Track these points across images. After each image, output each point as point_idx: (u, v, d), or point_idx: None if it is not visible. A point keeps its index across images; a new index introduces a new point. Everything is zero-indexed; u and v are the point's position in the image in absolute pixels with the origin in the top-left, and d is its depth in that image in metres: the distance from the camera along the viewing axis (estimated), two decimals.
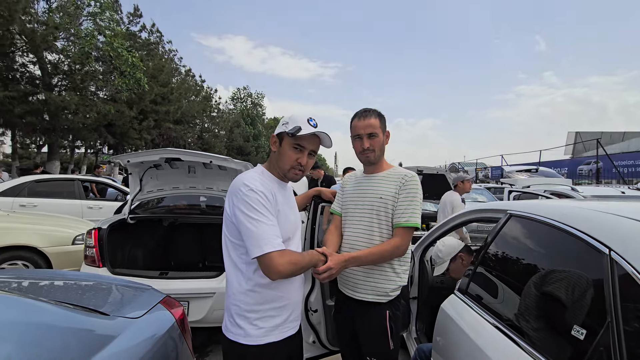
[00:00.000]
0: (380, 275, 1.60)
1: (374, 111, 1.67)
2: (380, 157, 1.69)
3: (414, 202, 1.57)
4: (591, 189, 6.59)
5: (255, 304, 1.26)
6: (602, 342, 0.85)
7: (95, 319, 1.04)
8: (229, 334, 1.28)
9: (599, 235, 1.00)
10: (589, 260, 1.01)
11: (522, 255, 1.44)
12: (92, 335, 0.99)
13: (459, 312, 1.59)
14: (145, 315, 1.25)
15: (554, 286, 1.13)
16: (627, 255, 0.89)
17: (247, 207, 1.19)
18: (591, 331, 0.91)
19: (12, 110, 12.40)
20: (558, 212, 1.24)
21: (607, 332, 0.85)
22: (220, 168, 3.15)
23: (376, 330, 1.59)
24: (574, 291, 1.05)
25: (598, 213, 1.13)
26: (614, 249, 0.93)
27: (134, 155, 3.00)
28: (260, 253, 1.16)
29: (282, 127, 1.34)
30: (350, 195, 1.75)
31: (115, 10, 19.01)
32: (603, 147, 14.09)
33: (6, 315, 0.83)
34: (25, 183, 6.27)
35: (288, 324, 1.33)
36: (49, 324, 0.90)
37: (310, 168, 1.44)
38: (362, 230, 1.63)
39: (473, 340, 1.35)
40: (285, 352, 1.32)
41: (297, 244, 1.42)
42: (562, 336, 1.02)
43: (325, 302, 2.26)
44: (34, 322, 0.87)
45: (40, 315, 0.91)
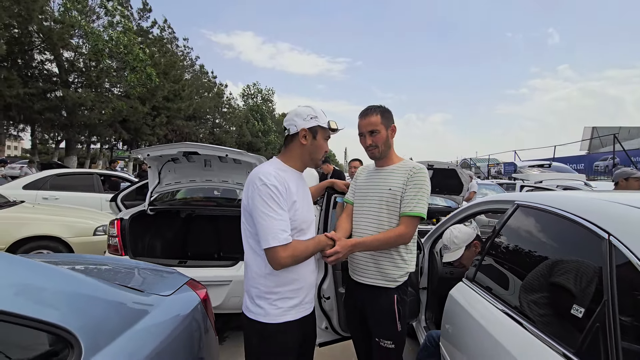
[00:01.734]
0: (388, 261, 1.67)
1: (375, 108, 1.73)
2: (387, 152, 1.75)
3: (420, 192, 1.63)
4: (604, 184, 6.50)
5: (274, 286, 1.36)
6: (599, 318, 0.92)
7: (132, 294, 1.15)
8: (249, 314, 1.39)
9: (599, 222, 1.06)
10: (590, 245, 1.07)
11: (528, 243, 1.50)
12: (129, 308, 1.10)
13: (466, 298, 1.66)
14: (173, 294, 1.36)
15: (557, 271, 1.19)
16: (624, 239, 0.95)
17: (259, 201, 1.29)
18: (589, 309, 0.97)
19: (32, 107, 12.80)
20: (562, 201, 1.30)
21: (603, 309, 0.91)
22: (235, 161, 3.25)
23: (385, 314, 1.67)
24: (576, 275, 1.11)
25: (599, 201, 1.18)
26: (612, 234, 0.99)
27: (153, 149, 3.13)
28: (267, 246, 1.27)
29: (312, 121, 1.44)
30: (362, 186, 1.83)
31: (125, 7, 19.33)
32: (620, 143, 13.78)
33: (57, 284, 0.94)
34: (47, 177, 6.52)
35: (303, 305, 1.43)
36: (92, 295, 1.01)
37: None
38: (371, 219, 1.71)
39: (480, 324, 1.42)
40: (300, 330, 1.42)
41: (312, 231, 1.52)
42: (563, 315, 1.08)
43: (338, 290, 2.34)
44: (80, 293, 0.98)
45: (85, 287, 1.01)
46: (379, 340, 1.69)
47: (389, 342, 1.67)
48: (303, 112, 1.45)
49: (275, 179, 1.32)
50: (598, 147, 21.99)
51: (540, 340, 1.08)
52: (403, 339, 1.75)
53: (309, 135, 1.45)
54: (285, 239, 1.28)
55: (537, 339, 1.10)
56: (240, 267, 2.92)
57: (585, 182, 5.00)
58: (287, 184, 1.35)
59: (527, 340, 1.14)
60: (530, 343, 1.11)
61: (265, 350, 1.37)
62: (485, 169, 23.49)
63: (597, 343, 0.90)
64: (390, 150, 1.78)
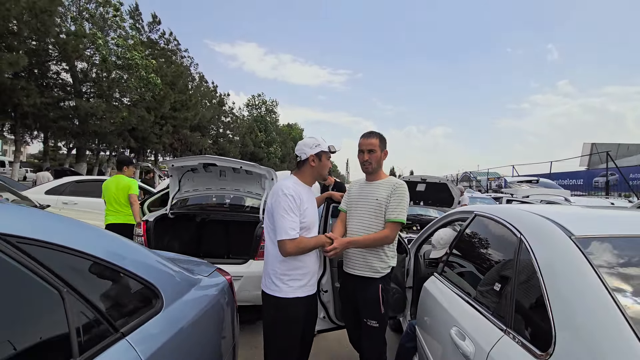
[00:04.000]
0: (373, 256, 2.11)
1: (376, 133, 2.20)
2: (377, 169, 2.19)
3: (401, 203, 2.07)
4: (585, 199, 6.94)
5: (287, 270, 1.83)
6: (508, 289, 1.36)
7: (184, 272, 1.59)
8: (268, 290, 1.87)
9: (517, 225, 1.51)
10: (513, 241, 1.51)
11: (479, 242, 1.95)
12: (186, 280, 1.54)
13: (435, 287, 2.09)
14: (210, 276, 1.80)
15: (494, 262, 1.64)
16: (526, 236, 1.39)
17: (279, 206, 1.79)
18: (504, 284, 1.41)
19: (47, 115, 13.41)
20: (501, 211, 1.75)
21: (511, 284, 1.35)
22: (247, 172, 3.72)
23: (372, 298, 2.10)
24: (503, 265, 1.55)
25: (519, 210, 1.63)
26: (522, 233, 1.44)
27: (177, 160, 3.61)
28: (279, 238, 1.78)
29: (316, 148, 1.95)
30: (354, 197, 2.27)
31: (136, 20, 20.20)
32: (613, 160, 14.21)
33: (146, 257, 1.38)
34: (67, 183, 7.01)
35: (309, 286, 1.91)
36: (164, 269, 1.45)
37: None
38: (362, 223, 2.16)
39: (441, 305, 1.86)
40: (306, 305, 1.90)
41: (315, 230, 2.01)
42: (491, 292, 1.52)
43: (334, 284, 2.77)
44: (157, 265, 1.42)
45: (160, 263, 1.46)
46: (367, 320, 2.13)
47: (374, 322, 2.11)
48: (310, 142, 1.96)
49: (293, 191, 1.81)
50: (597, 163, 22.35)
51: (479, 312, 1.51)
52: (386, 320, 2.20)
53: (316, 159, 1.96)
54: (293, 235, 1.76)
55: (477, 311, 1.53)
56: (250, 265, 3.36)
57: (566, 197, 5.43)
58: (300, 195, 1.84)
59: (469, 311, 1.57)
60: (470, 313, 1.54)
61: (279, 319, 1.84)
62: (486, 183, 23.90)
63: (507, 306, 1.33)
64: (380, 169, 2.22)
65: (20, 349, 0.78)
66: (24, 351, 0.80)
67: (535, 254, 1.29)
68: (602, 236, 1.26)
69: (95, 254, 1.06)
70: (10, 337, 0.78)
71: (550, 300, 1.11)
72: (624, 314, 0.95)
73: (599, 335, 0.96)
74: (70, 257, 0.98)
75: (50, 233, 0.95)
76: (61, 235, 0.98)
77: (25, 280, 0.85)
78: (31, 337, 0.83)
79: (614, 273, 1.11)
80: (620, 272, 1.12)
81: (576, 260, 1.14)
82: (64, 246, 0.96)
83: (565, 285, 1.13)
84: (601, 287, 1.04)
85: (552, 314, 1.08)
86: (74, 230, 1.09)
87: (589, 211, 1.85)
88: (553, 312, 1.08)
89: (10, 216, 0.90)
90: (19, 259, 0.83)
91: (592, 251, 1.17)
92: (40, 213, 1.03)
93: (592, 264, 1.11)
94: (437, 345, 1.77)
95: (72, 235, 1.04)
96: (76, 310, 0.92)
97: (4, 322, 0.80)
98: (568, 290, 1.11)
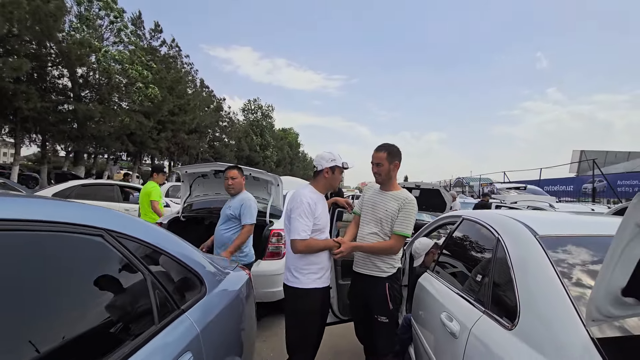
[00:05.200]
0: (379, 259, 2.32)
1: (385, 147, 2.32)
2: (387, 180, 2.34)
3: (408, 218, 2.24)
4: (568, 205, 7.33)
5: (305, 264, 2.14)
6: (487, 279, 1.67)
7: (215, 267, 1.88)
8: (289, 283, 2.17)
9: (496, 227, 1.82)
10: (492, 240, 1.82)
11: (466, 243, 2.27)
12: (219, 272, 1.83)
13: (428, 282, 2.40)
14: (233, 271, 2.08)
15: (477, 260, 1.94)
16: (502, 236, 1.71)
17: (296, 210, 2.10)
18: (484, 276, 1.72)
19: (46, 119, 13.56)
20: (485, 216, 2.07)
21: (490, 275, 1.66)
22: (255, 179, 4.01)
23: (380, 296, 2.28)
24: (486, 262, 1.86)
25: (498, 215, 1.95)
26: (500, 233, 1.75)
27: (191, 167, 3.89)
28: (292, 238, 2.10)
29: (332, 162, 2.24)
30: (367, 203, 2.43)
31: (138, 27, 20.47)
32: (599, 168, 14.75)
33: (188, 250, 1.67)
34: (74, 187, 7.22)
35: (324, 279, 2.21)
36: (202, 262, 1.74)
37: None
38: (370, 229, 2.35)
39: (433, 296, 2.16)
40: (321, 296, 2.20)
41: (327, 233, 2.30)
42: (473, 283, 1.83)
43: (338, 281, 3.06)
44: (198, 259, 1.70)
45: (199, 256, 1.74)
46: (377, 317, 2.29)
47: (384, 317, 2.31)
48: (327, 156, 2.26)
49: (310, 199, 2.12)
50: (587, 170, 22.91)
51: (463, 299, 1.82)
52: (395, 316, 2.42)
53: (330, 172, 2.26)
54: (304, 236, 2.06)
55: (462, 298, 1.84)
56: (259, 265, 3.63)
57: (550, 204, 5.80)
58: (315, 202, 2.15)
59: (456, 298, 1.87)
60: (457, 300, 1.85)
61: (300, 308, 2.15)
62: (478, 188, 24.37)
63: (486, 293, 1.64)
64: (391, 180, 2.35)
65: (120, 315, 1.07)
66: (125, 315, 1.08)
67: (509, 250, 1.61)
68: (560, 235, 1.58)
69: (162, 247, 1.35)
70: (116, 304, 1.07)
71: (517, 286, 1.42)
72: (569, 295, 1.26)
73: (550, 310, 1.27)
74: (147, 249, 1.27)
75: (133, 229, 1.24)
76: (140, 231, 1.27)
77: (123, 265, 1.13)
78: (129, 307, 1.12)
79: (565, 264, 1.42)
80: (570, 263, 1.44)
81: (538, 255, 1.46)
82: (143, 240, 1.25)
83: (529, 274, 1.44)
84: (554, 275, 1.35)
85: (518, 296, 1.39)
86: (146, 227, 1.37)
87: (558, 215, 2.17)
88: (519, 294, 1.39)
89: (108, 215, 1.19)
90: (119, 249, 1.12)
91: (551, 247, 1.48)
92: (121, 214, 1.31)
93: (550, 257, 1.42)
94: (429, 332, 2.07)
95: (146, 231, 1.32)
96: (155, 289, 1.20)
97: (108, 297, 1.08)
98: (530, 278, 1.42)
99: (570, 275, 1.36)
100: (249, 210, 3.13)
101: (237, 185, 3.22)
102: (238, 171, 3.29)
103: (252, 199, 3.21)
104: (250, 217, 3.14)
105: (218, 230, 3.17)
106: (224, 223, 3.19)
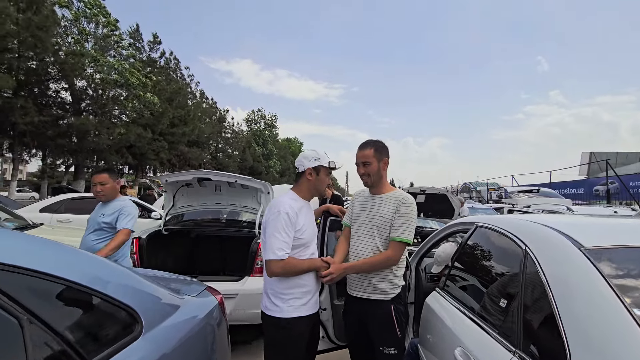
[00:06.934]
0: (379, 278, 1.90)
1: (371, 143, 1.99)
2: (378, 181, 1.99)
3: (407, 220, 1.86)
4: (586, 208, 6.85)
5: (287, 288, 1.73)
6: (514, 305, 1.27)
7: (170, 293, 1.50)
8: (268, 312, 1.76)
9: (521, 236, 1.42)
10: (517, 254, 1.42)
11: (482, 255, 1.86)
12: (171, 302, 1.45)
13: (437, 303, 1.99)
14: (199, 296, 1.70)
15: (498, 277, 1.54)
16: (532, 247, 1.31)
17: (271, 224, 1.71)
18: (509, 300, 1.32)
19: (44, 133, 13.43)
20: (503, 221, 1.67)
21: (518, 299, 1.26)
22: (243, 187, 3.65)
23: (384, 323, 1.88)
24: (509, 278, 1.46)
25: (522, 221, 1.55)
26: (527, 245, 1.35)
27: (171, 175, 3.54)
28: (266, 258, 1.70)
29: (315, 162, 1.85)
30: (358, 211, 2.07)
31: (137, 40, 20.55)
32: (613, 169, 14.17)
33: (126, 278, 1.30)
34: (62, 201, 6.91)
35: (311, 304, 1.80)
36: (147, 290, 1.36)
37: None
38: (366, 241, 1.96)
39: (444, 322, 1.75)
40: (308, 325, 1.78)
41: (314, 246, 1.91)
42: (496, 309, 1.42)
43: (333, 302, 2.66)
44: (140, 287, 1.33)
45: (142, 284, 1.37)
46: (383, 348, 1.87)
47: (391, 349, 1.88)
48: (309, 155, 1.88)
49: (289, 208, 1.72)
50: (597, 172, 22.35)
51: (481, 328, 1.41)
52: (404, 345, 2.00)
53: (314, 173, 1.86)
54: (281, 256, 1.66)
55: (481, 329, 1.43)
56: (245, 282, 3.24)
57: (567, 207, 5.35)
58: (296, 211, 1.74)
59: (474, 329, 1.47)
60: (475, 332, 1.44)
61: (280, 340, 1.74)
62: (486, 193, 23.81)
63: (514, 324, 1.24)
64: (382, 180, 2.01)
65: None
66: None
67: (543, 267, 1.21)
68: (614, 247, 1.18)
69: (66, 276, 0.98)
70: None
71: (561, 317, 1.02)
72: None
73: (618, 353, 0.87)
74: (35, 280, 0.90)
75: (10, 254, 0.87)
76: (25, 257, 0.90)
77: None
78: None
79: (630, 286, 1.02)
80: (637, 286, 1.03)
81: (589, 275, 1.06)
82: (26, 268, 0.88)
83: (577, 300, 1.04)
84: (617, 301, 0.95)
85: (565, 332, 0.99)
86: (42, 251, 1.00)
87: (594, 220, 1.77)
88: (565, 330, 0.99)
89: None
90: None
91: (605, 263, 1.09)
92: (2, 232, 0.95)
93: (606, 277, 1.02)
94: None
95: (39, 257, 0.95)
96: (38, 340, 0.83)
97: None
98: (581, 305, 1.02)
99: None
100: (128, 215, 2.69)
101: (108, 191, 2.74)
102: (109, 175, 2.79)
103: (134, 206, 2.77)
104: (130, 221, 2.68)
105: (87, 240, 2.70)
106: (93, 232, 2.70)
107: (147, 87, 16.11)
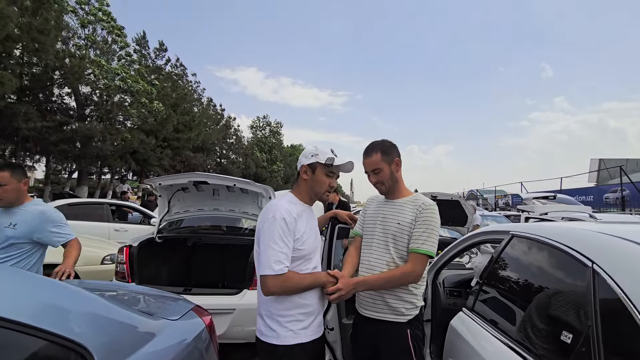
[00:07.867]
0: (394, 296, 1.63)
1: (376, 146, 1.74)
2: (394, 186, 1.75)
3: (428, 229, 1.60)
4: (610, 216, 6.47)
5: (284, 309, 1.43)
6: (585, 343, 0.96)
7: (142, 317, 1.22)
8: (263, 337, 1.45)
9: (584, 250, 1.12)
10: (576, 272, 1.12)
11: (523, 271, 1.55)
12: (140, 330, 1.16)
13: (466, 327, 1.68)
14: (180, 319, 1.42)
15: (548, 298, 1.24)
16: (607, 267, 1.01)
17: (266, 232, 1.41)
18: (576, 335, 1.01)
19: (47, 139, 13.31)
20: (552, 230, 1.37)
21: (591, 333, 0.96)
22: (242, 191, 3.37)
23: (400, 350, 1.61)
24: (564, 302, 1.15)
25: (584, 231, 1.25)
26: (596, 262, 1.05)
27: (164, 178, 3.27)
28: (261, 273, 1.39)
29: (311, 158, 1.55)
30: (371, 218, 1.81)
31: (143, 47, 20.63)
32: (627, 175, 13.72)
33: (76, 304, 1.02)
34: (60, 206, 6.68)
35: (314, 327, 1.50)
36: (108, 316, 1.08)
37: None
38: (379, 253, 1.69)
39: (477, 352, 1.44)
40: (311, 352, 1.47)
41: (317, 259, 1.60)
42: (553, 342, 1.12)
43: (341, 321, 2.35)
44: (96, 313, 1.05)
45: (101, 308, 1.09)
46: None
47: None
48: (307, 151, 1.60)
49: (286, 213, 1.43)
50: (606, 179, 21.88)
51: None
52: None
53: (309, 171, 1.57)
54: (279, 270, 1.36)
55: None
56: (244, 296, 2.95)
57: (590, 214, 5.00)
58: (295, 216, 1.45)
59: None
60: None
61: None
62: (493, 201, 23.36)
63: None
64: (399, 183, 1.77)
65: None
66: None
67: (626, 291, 0.91)
68: None
69: None
70: None
71: None
72: None
73: None
74: None
75: None
76: None
77: None
78: None
79: None
80: None
81: None
82: None
83: None
84: None
85: None
86: None
87: None
88: None
89: None
90: None
91: None
92: None
93: None
94: None
95: None
96: None
97: None
98: None
99: None
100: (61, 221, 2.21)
101: (9, 194, 2.07)
102: (10, 173, 2.08)
103: (54, 210, 2.23)
104: (68, 227, 2.22)
105: None
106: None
107: (152, 94, 16.02)
